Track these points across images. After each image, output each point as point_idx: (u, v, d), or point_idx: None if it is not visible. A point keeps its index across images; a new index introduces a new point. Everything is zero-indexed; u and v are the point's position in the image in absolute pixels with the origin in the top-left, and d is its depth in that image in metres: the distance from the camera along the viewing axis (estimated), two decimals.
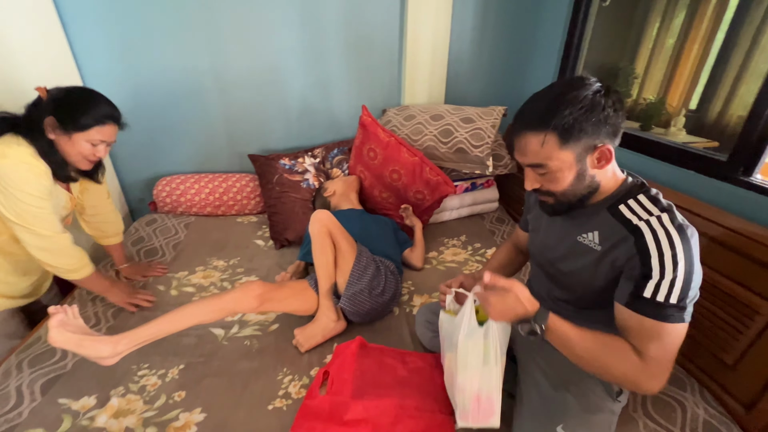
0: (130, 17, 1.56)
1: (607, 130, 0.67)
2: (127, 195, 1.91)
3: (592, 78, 0.68)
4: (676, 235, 0.65)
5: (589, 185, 0.73)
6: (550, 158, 0.69)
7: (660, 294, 0.64)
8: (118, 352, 0.88)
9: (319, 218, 1.14)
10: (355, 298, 1.13)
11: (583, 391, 0.79)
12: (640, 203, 0.71)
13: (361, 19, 1.76)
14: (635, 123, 1.56)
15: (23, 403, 0.91)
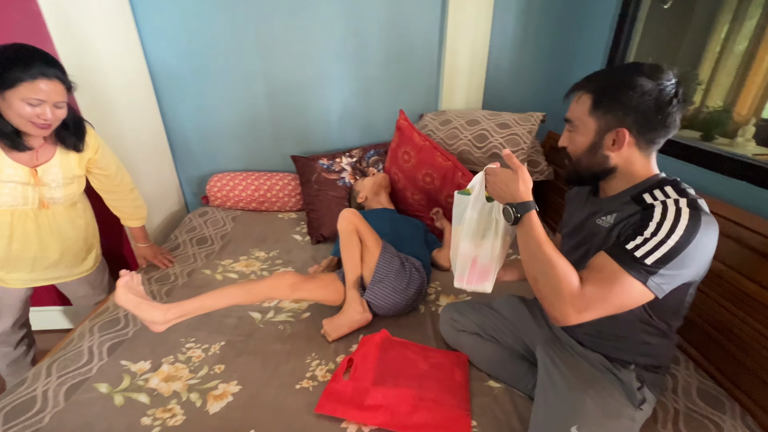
0: (197, 28, 1.75)
1: (635, 119, 0.69)
2: (184, 189, 2.12)
3: (671, 73, 0.69)
4: (686, 212, 0.64)
5: (601, 164, 0.75)
6: (579, 118, 0.75)
7: (640, 250, 0.65)
8: (167, 319, 1.01)
9: (346, 216, 1.22)
10: (380, 291, 1.18)
11: (601, 395, 0.78)
12: (664, 191, 0.70)
13: (401, 28, 1.83)
14: (696, 132, 1.48)
15: (93, 361, 1.06)
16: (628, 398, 0.79)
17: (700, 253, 0.65)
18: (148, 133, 1.80)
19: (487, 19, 1.80)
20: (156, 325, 1.01)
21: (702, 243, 0.64)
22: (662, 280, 0.65)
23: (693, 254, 0.64)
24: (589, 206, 0.85)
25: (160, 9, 1.70)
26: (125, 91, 1.63)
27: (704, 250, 0.65)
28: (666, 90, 0.68)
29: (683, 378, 1.01)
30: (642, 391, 0.80)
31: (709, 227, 0.65)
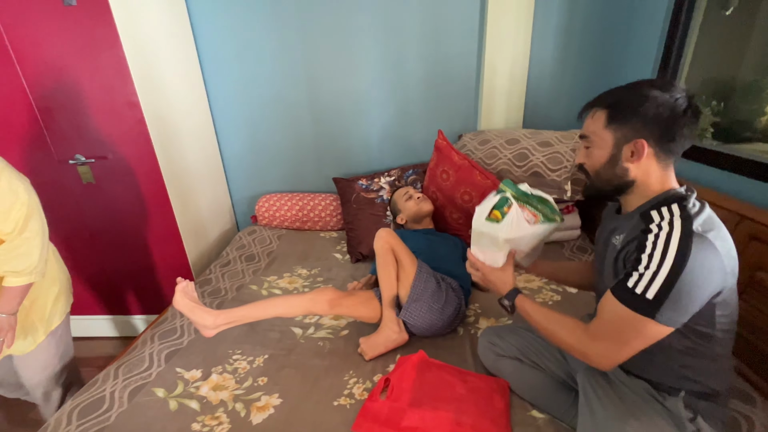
0: (250, 60, 1.93)
1: (653, 130, 0.70)
2: (236, 209, 2.29)
3: (682, 88, 0.71)
4: (677, 237, 0.65)
5: (621, 176, 0.76)
6: (594, 132, 0.77)
7: (639, 286, 0.66)
8: (217, 324, 1.11)
9: (382, 236, 1.25)
10: (415, 310, 1.18)
11: (645, 425, 0.71)
12: (670, 210, 0.70)
13: (440, 52, 1.88)
14: (766, 145, 1.35)
15: (153, 367, 1.16)
16: (678, 429, 0.72)
17: (699, 275, 0.63)
18: (205, 158, 1.99)
19: (526, 39, 1.80)
20: (207, 329, 1.11)
21: (698, 265, 0.63)
22: (671, 313, 0.65)
23: (691, 279, 0.63)
24: (612, 223, 0.85)
25: (219, 44, 1.90)
26: (188, 120, 1.83)
27: (703, 270, 0.64)
28: (679, 101, 0.69)
29: (760, 421, 0.89)
30: (696, 422, 0.73)
31: (701, 247, 0.63)
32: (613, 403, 0.77)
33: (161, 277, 1.85)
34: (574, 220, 1.81)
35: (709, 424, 0.74)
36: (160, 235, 1.76)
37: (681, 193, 0.73)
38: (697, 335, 0.72)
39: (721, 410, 0.77)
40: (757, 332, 1.03)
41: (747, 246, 1.09)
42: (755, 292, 1.04)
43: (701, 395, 0.75)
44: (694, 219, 0.67)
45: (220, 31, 1.88)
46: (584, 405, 0.83)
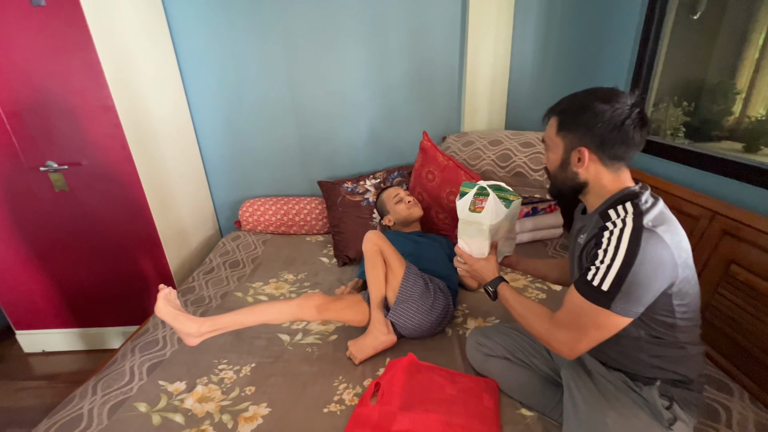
0: (231, 63, 1.90)
1: (593, 139, 0.76)
2: (218, 214, 2.24)
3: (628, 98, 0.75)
4: (629, 231, 0.69)
5: (573, 179, 0.82)
6: (549, 137, 0.84)
7: (596, 278, 0.71)
8: (202, 332, 1.07)
9: (371, 238, 1.25)
10: (403, 311, 1.19)
11: (624, 416, 0.75)
12: (624, 208, 0.74)
13: (423, 54, 1.90)
14: (738, 144, 1.41)
15: (134, 380, 1.12)
16: (654, 418, 0.75)
17: (649, 267, 0.67)
18: (186, 163, 1.94)
19: (507, 41, 1.83)
20: (191, 338, 1.07)
21: (648, 257, 0.67)
22: (624, 303, 0.69)
23: (642, 271, 0.67)
24: (579, 223, 0.90)
25: (199, 47, 1.86)
26: (167, 124, 1.78)
27: (653, 262, 0.67)
28: (619, 111, 0.74)
29: (738, 410, 0.93)
30: (672, 409, 0.76)
31: (651, 241, 0.67)
32: (594, 397, 0.80)
33: (141, 287, 1.79)
34: (556, 219, 1.85)
35: (684, 411, 0.77)
36: (139, 242, 1.70)
37: (635, 191, 0.77)
38: (660, 325, 0.76)
39: (695, 396, 0.80)
40: (732, 324, 1.07)
41: (720, 241, 1.13)
42: (729, 285, 1.09)
43: (674, 383, 0.79)
44: (645, 215, 0.71)
45: (199, 32, 1.84)
46: (568, 399, 0.86)
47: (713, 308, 1.13)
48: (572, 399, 0.84)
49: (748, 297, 1.03)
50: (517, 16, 1.81)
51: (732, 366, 1.07)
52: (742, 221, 1.06)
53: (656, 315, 0.74)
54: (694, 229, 1.22)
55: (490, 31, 1.79)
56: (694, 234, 1.22)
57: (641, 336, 0.77)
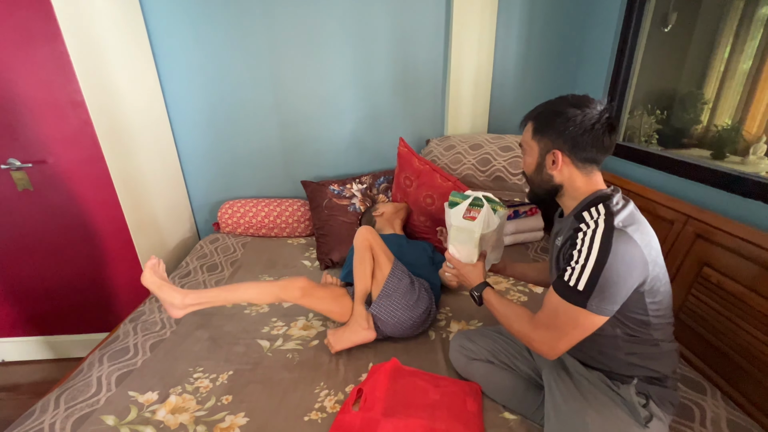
0: (212, 63, 1.84)
1: (565, 141, 0.79)
2: (196, 216, 2.16)
3: (598, 104, 0.79)
4: (601, 232, 0.72)
5: (548, 181, 0.85)
6: (526, 141, 0.87)
7: (572, 279, 0.73)
8: (186, 304, 1.09)
9: (363, 233, 1.25)
10: (386, 306, 1.18)
11: (603, 415, 0.76)
12: (597, 209, 0.77)
13: (407, 58, 1.90)
14: (706, 151, 1.46)
15: (101, 392, 1.05)
16: (632, 416, 0.76)
17: (621, 266, 0.69)
18: (162, 162, 1.87)
19: (489, 47, 1.86)
20: (175, 309, 1.09)
21: (619, 256, 0.69)
22: (600, 302, 0.71)
23: (614, 269, 0.69)
24: (557, 226, 0.93)
25: (177, 43, 1.80)
26: (141, 121, 1.71)
27: (624, 261, 0.70)
28: (589, 115, 0.77)
29: (711, 409, 0.95)
30: (648, 407, 0.78)
31: (621, 240, 0.70)
32: (574, 396, 0.82)
33: (112, 292, 1.70)
34: (537, 222, 1.87)
35: (660, 408, 0.79)
36: (110, 245, 1.62)
37: (606, 193, 0.80)
38: (634, 322, 0.78)
39: (670, 393, 0.82)
40: (705, 324, 1.11)
41: (693, 244, 1.17)
42: (702, 287, 1.12)
43: (650, 380, 0.81)
44: (616, 216, 0.74)
45: (177, 28, 1.77)
46: (549, 400, 0.86)
47: (687, 309, 1.16)
48: (553, 399, 0.85)
49: (719, 298, 1.06)
50: (500, 24, 1.84)
51: (705, 365, 1.10)
52: (714, 225, 1.10)
53: (630, 313, 0.77)
54: (669, 233, 1.26)
55: (473, 37, 1.81)
56: (669, 237, 1.26)
57: (617, 334, 0.80)
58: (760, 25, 1.41)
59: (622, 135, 1.72)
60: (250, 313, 1.42)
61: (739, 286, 1.01)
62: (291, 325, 1.35)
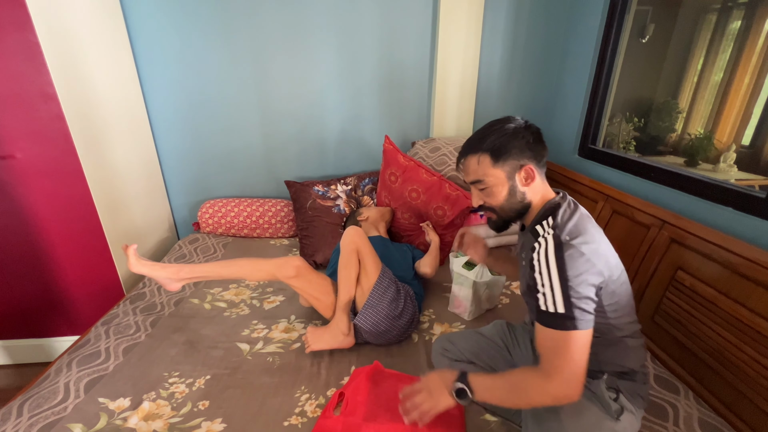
0: (192, 60, 1.79)
1: (529, 153, 0.81)
2: (175, 216, 2.10)
3: (518, 117, 0.84)
4: (552, 250, 0.73)
5: (521, 201, 0.84)
6: (486, 174, 0.83)
7: (549, 305, 0.71)
8: (181, 277, 1.12)
9: (350, 234, 1.20)
10: (371, 316, 1.16)
11: (577, 411, 0.77)
12: (547, 222, 0.79)
13: (394, 59, 1.90)
14: (680, 159, 1.51)
15: (69, 398, 1.00)
16: (604, 410, 0.78)
17: (579, 278, 0.71)
18: (140, 159, 1.81)
19: (475, 51, 1.87)
20: (171, 282, 1.11)
21: (574, 270, 0.71)
22: (582, 315, 0.70)
23: (577, 281, 0.71)
24: (519, 240, 0.95)
25: (157, 37, 1.74)
26: (118, 117, 1.65)
27: (580, 273, 0.71)
28: (526, 124, 0.82)
29: (684, 408, 0.98)
30: (619, 401, 0.79)
31: (570, 254, 0.71)
32: None
33: (84, 293, 1.63)
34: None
35: (631, 401, 0.81)
36: (83, 244, 1.55)
37: (556, 202, 0.82)
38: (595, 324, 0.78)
39: (640, 387, 0.84)
40: (678, 327, 1.14)
41: (668, 248, 1.21)
42: (676, 290, 1.16)
43: (619, 375, 0.83)
44: (563, 229, 0.75)
45: (156, 20, 1.72)
46: None
47: (662, 312, 1.20)
48: None
49: (692, 301, 1.10)
50: (486, 29, 1.86)
51: (679, 366, 1.14)
52: (688, 230, 1.14)
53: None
54: (645, 237, 1.30)
55: (459, 41, 1.83)
56: (645, 241, 1.29)
57: None
58: (731, 39, 1.47)
59: (601, 141, 1.76)
60: (230, 316, 1.39)
61: (711, 289, 1.04)
62: (272, 327, 1.33)
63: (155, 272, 1.10)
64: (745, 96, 1.40)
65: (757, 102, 1.32)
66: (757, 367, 0.92)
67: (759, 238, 1.02)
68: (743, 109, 1.40)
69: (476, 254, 1.11)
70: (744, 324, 0.95)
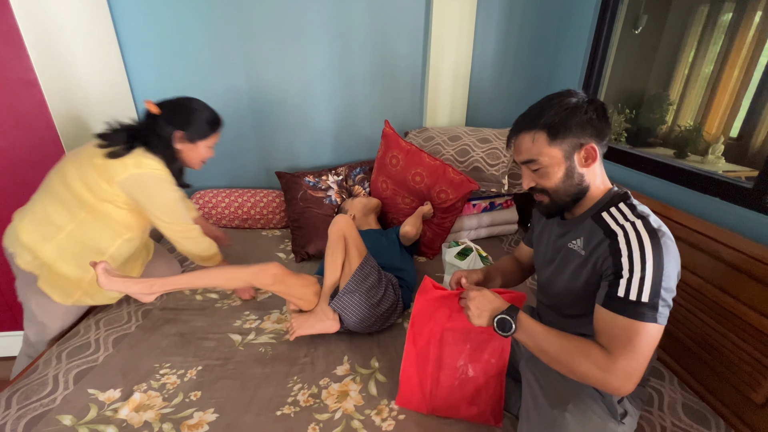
0: (179, 46, 1.75)
1: (591, 131, 0.74)
2: None
3: (580, 91, 0.76)
4: (646, 237, 0.68)
5: (579, 184, 0.77)
6: (541, 154, 0.76)
7: (632, 292, 0.66)
8: (153, 291, 1.05)
9: (338, 221, 1.22)
10: (348, 302, 1.16)
11: (582, 410, 0.76)
12: (621, 210, 0.74)
13: (386, 48, 1.87)
14: (670, 150, 1.53)
15: (58, 390, 0.99)
16: (609, 412, 0.78)
17: (673, 270, 0.68)
18: None
19: (468, 42, 1.86)
20: (144, 296, 1.05)
21: (671, 260, 0.67)
22: (664, 310, 0.67)
23: (671, 273, 0.68)
24: (556, 228, 0.87)
25: (143, 25, 1.69)
26: (104, 105, 1.60)
27: (674, 264, 0.68)
28: (587, 99, 0.74)
29: (668, 394, 1.01)
30: (623, 404, 0.79)
31: (668, 243, 0.68)
32: (554, 390, 0.81)
33: None
34: (512, 214, 1.91)
35: (631, 404, 0.81)
36: None
37: (621, 191, 0.77)
38: None
39: (641, 390, 0.84)
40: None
41: None
42: None
43: None
44: (649, 217, 0.71)
45: (141, 4, 1.67)
46: (527, 393, 0.86)
47: None
48: (532, 394, 0.84)
49: (680, 290, 1.10)
50: (479, 19, 1.84)
51: (665, 353, 1.17)
52: (676, 220, 1.16)
53: None
54: None
55: (453, 31, 1.81)
56: None
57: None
58: (721, 31, 1.47)
59: None
60: (221, 307, 1.38)
61: (697, 278, 1.07)
62: (264, 318, 1.32)
63: (127, 288, 1.03)
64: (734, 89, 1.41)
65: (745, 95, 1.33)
66: (740, 354, 0.95)
67: (744, 228, 1.04)
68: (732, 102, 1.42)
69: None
70: (728, 311, 0.97)
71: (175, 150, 1.17)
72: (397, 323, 1.30)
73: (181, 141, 1.16)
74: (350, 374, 1.09)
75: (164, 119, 1.14)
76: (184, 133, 1.16)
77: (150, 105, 1.14)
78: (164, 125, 1.13)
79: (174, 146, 1.16)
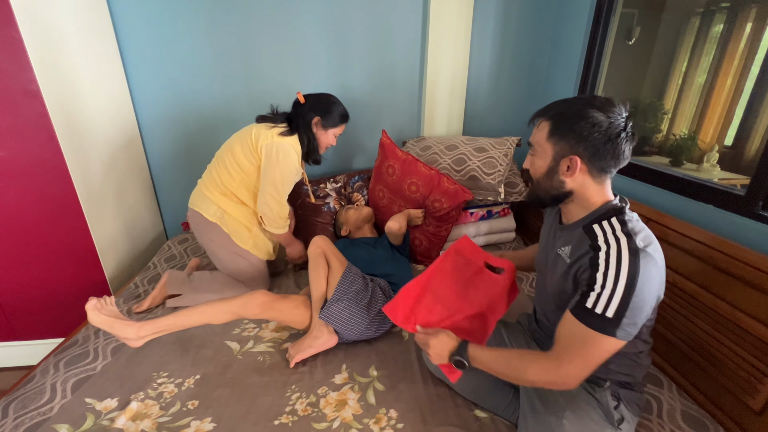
0: (180, 57, 1.77)
1: (586, 146, 0.73)
2: (164, 215, 2.07)
3: (622, 111, 0.73)
4: (626, 256, 0.68)
5: (558, 187, 0.78)
6: (538, 142, 0.79)
7: (599, 306, 0.68)
8: (142, 335, 1.03)
9: (315, 241, 1.29)
10: (336, 311, 1.16)
11: (579, 417, 0.76)
12: (611, 225, 0.74)
13: (384, 59, 1.90)
14: (665, 158, 1.54)
15: (55, 399, 0.99)
16: (606, 419, 0.78)
17: (648, 290, 0.68)
18: (127, 158, 1.78)
19: (465, 53, 1.89)
20: (132, 341, 1.02)
21: (647, 280, 0.67)
22: (628, 328, 0.68)
23: (643, 293, 0.67)
24: (554, 232, 0.89)
25: (143, 36, 1.72)
26: (105, 116, 1.63)
27: (651, 284, 0.68)
28: (615, 123, 0.71)
29: (667, 401, 1.00)
30: (619, 409, 0.80)
31: (646, 262, 0.67)
32: (552, 397, 0.82)
33: (70, 294, 1.60)
34: (509, 222, 1.92)
35: (629, 410, 0.82)
36: (68, 244, 1.53)
37: (617, 206, 0.77)
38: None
39: (638, 396, 0.85)
40: (662, 321, 1.17)
41: None
42: None
43: (622, 384, 0.83)
44: (636, 235, 0.70)
45: (143, 16, 1.70)
46: (525, 400, 0.87)
47: None
48: (530, 401, 0.85)
49: (676, 297, 1.12)
50: (475, 31, 1.88)
51: (663, 360, 1.17)
52: (672, 227, 1.17)
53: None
54: None
55: (449, 42, 1.84)
56: None
57: None
58: (713, 42, 1.50)
59: None
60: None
61: (692, 284, 1.07)
62: (263, 326, 1.32)
63: (115, 331, 1.01)
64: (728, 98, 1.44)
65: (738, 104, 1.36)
66: (737, 360, 0.95)
67: (738, 234, 1.05)
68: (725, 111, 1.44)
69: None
70: (724, 318, 0.98)
71: (312, 133, 1.44)
72: (394, 331, 1.30)
73: (317, 126, 1.44)
74: (348, 383, 1.09)
75: (308, 107, 1.43)
76: (320, 120, 1.43)
77: (300, 96, 1.45)
78: (308, 111, 1.42)
79: (312, 129, 1.43)
